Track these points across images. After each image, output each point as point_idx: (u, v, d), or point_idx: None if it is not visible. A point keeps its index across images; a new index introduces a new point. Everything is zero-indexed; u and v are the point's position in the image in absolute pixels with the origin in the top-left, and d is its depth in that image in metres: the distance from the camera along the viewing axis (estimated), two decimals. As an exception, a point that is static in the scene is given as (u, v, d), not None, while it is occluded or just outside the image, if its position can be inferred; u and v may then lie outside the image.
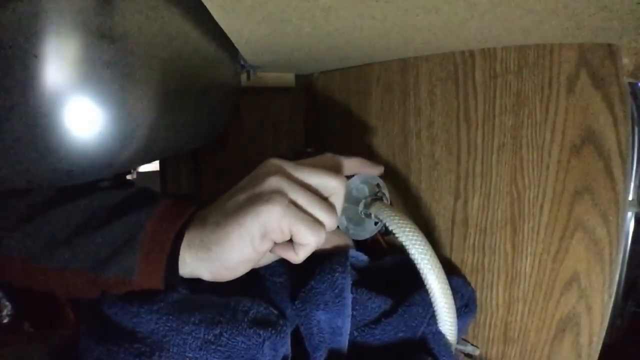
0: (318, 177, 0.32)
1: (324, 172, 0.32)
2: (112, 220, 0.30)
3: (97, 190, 0.33)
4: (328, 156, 0.36)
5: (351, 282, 0.38)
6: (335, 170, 0.33)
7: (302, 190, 0.30)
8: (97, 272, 0.30)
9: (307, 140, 0.80)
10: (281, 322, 0.31)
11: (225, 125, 0.65)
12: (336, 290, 0.36)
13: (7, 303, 0.56)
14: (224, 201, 0.31)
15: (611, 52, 0.36)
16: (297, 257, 0.31)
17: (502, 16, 0.31)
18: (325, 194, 0.32)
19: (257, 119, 0.75)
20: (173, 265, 0.30)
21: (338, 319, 0.36)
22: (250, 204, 0.29)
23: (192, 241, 0.30)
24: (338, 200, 0.32)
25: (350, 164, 0.37)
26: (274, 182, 0.30)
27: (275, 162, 0.32)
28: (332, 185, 0.32)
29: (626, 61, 0.36)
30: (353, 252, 0.44)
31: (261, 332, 0.29)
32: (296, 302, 0.36)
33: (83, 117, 0.29)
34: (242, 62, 0.56)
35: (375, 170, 0.39)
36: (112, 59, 0.29)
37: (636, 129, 0.51)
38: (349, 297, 0.37)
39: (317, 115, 0.76)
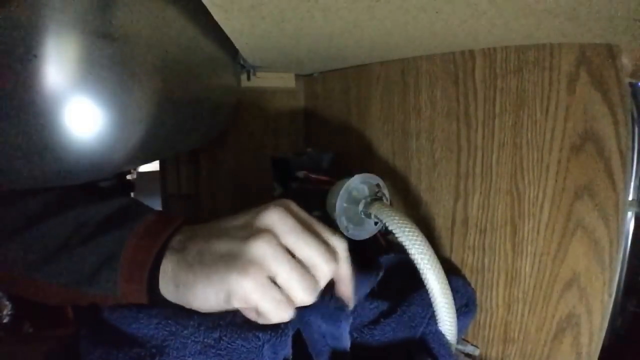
0: (311, 251, 0.28)
1: (320, 249, 0.29)
2: (95, 237, 0.30)
3: (84, 201, 0.33)
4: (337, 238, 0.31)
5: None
6: (334, 251, 0.30)
7: (286, 264, 0.27)
8: (82, 289, 0.29)
9: (307, 140, 0.80)
10: (281, 325, 0.31)
11: (225, 126, 0.65)
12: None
13: (7, 303, 0.56)
14: (211, 232, 0.29)
15: (611, 52, 0.36)
16: (261, 322, 0.29)
17: (502, 16, 0.31)
18: (311, 268, 0.29)
19: (257, 119, 0.75)
20: (155, 284, 0.29)
21: (339, 327, 0.35)
22: (224, 264, 0.27)
23: (165, 271, 0.29)
24: (322, 281, 0.29)
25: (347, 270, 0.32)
26: (259, 249, 0.27)
27: (278, 214, 0.28)
28: (323, 268, 0.29)
29: (626, 61, 0.36)
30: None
31: (260, 335, 0.29)
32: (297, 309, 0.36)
33: (83, 117, 0.29)
34: (242, 62, 0.56)
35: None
36: (112, 59, 0.29)
37: (636, 129, 0.51)
38: (348, 311, 0.36)
39: (317, 115, 0.76)
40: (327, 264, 0.29)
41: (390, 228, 0.36)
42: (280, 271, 0.27)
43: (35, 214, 0.31)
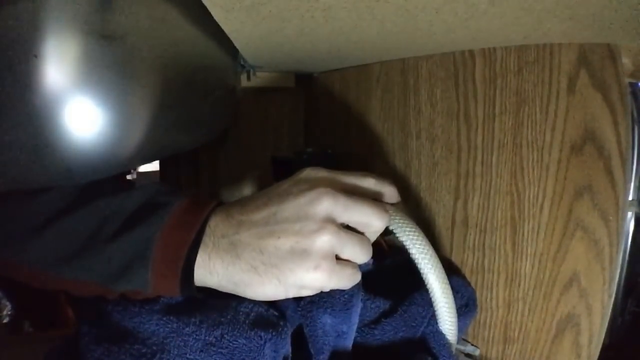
0: (365, 216, 0.29)
1: (372, 210, 0.30)
2: (122, 232, 0.29)
3: (106, 193, 0.31)
4: (372, 182, 0.32)
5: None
6: (379, 202, 0.31)
7: (349, 244, 0.29)
8: (111, 286, 0.29)
9: (307, 140, 0.80)
10: (282, 323, 0.31)
11: (225, 125, 0.65)
12: (345, 296, 0.36)
13: (7, 303, 0.56)
14: (254, 219, 0.29)
15: (611, 52, 0.36)
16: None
17: (502, 16, 0.31)
18: (365, 227, 0.30)
19: (257, 119, 0.76)
20: (189, 277, 0.28)
21: (344, 324, 0.35)
22: (293, 263, 0.27)
23: (213, 270, 0.28)
24: (374, 236, 0.31)
25: (391, 193, 0.33)
26: (326, 243, 0.27)
27: (328, 198, 0.28)
28: (376, 225, 0.30)
29: (626, 61, 0.36)
30: None
31: (262, 334, 0.29)
32: (302, 303, 0.36)
33: (83, 117, 0.29)
34: (242, 62, 0.56)
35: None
36: (112, 59, 0.29)
37: (636, 129, 0.51)
38: (357, 304, 0.36)
39: (317, 115, 0.76)
40: (380, 220, 0.30)
41: (390, 228, 0.36)
42: (345, 250, 0.29)
43: (56, 209, 0.30)
